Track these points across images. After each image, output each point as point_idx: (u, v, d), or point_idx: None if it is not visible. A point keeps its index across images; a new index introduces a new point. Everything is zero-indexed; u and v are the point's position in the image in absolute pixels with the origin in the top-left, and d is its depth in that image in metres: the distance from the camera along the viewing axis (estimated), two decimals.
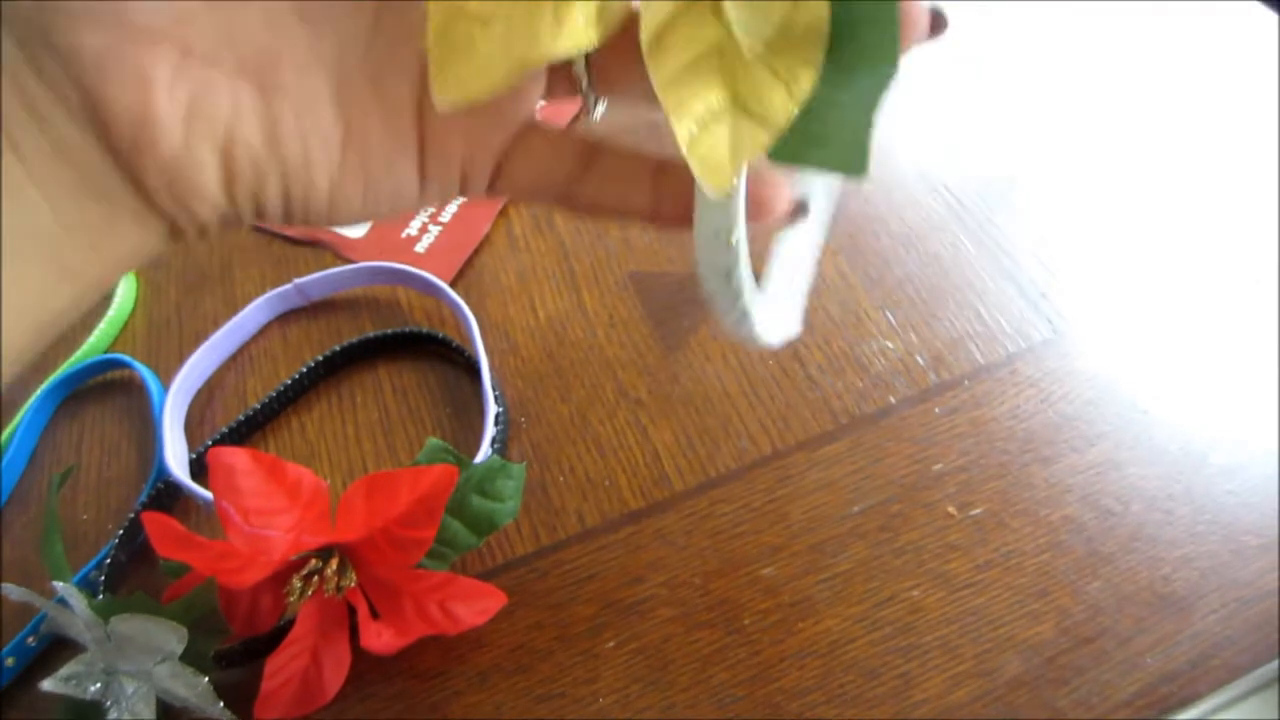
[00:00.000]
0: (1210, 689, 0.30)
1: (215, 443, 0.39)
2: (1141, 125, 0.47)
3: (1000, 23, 0.54)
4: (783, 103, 0.16)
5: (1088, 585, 0.33)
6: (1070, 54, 0.52)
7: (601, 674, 0.33)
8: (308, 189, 0.20)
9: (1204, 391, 0.37)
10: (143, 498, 0.37)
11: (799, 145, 0.16)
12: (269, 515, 0.30)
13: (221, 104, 0.19)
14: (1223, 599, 0.32)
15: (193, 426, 0.41)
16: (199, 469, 0.39)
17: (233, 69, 0.19)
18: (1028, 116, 0.49)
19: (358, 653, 0.32)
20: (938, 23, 0.19)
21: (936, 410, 0.38)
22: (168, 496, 0.38)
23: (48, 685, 0.31)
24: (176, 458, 0.38)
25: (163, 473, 0.38)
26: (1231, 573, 0.32)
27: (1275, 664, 0.31)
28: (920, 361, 0.40)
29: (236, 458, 0.30)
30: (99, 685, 0.32)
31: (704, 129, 0.16)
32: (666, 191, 0.22)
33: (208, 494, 0.37)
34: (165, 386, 0.41)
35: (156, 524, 0.30)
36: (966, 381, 0.39)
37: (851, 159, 0.16)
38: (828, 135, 0.17)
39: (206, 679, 0.32)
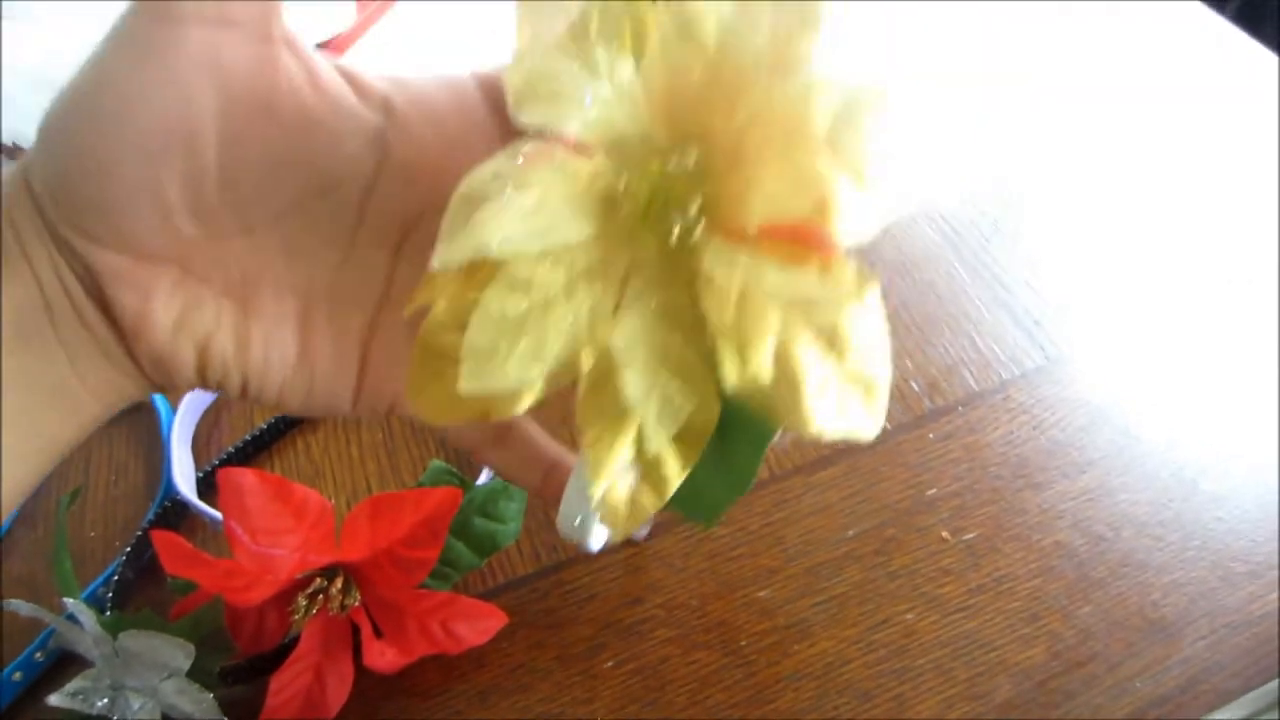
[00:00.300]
0: (1200, 714, 0.31)
1: (222, 462, 0.40)
2: (1136, 155, 0.48)
3: (996, 52, 0.55)
4: (675, 477, 0.19)
5: (1079, 610, 0.33)
6: (1065, 84, 0.53)
7: (600, 694, 0.33)
8: (261, 388, 0.24)
9: (1194, 419, 0.38)
10: (150, 515, 0.38)
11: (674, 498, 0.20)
12: (276, 535, 0.31)
13: (206, 317, 0.22)
14: (1212, 624, 0.32)
15: (200, 446, 0.42)
16: (205, 488, 0.40)
17: (221, 288, 0.23)
18: (1022, 146, 0.50)
19: (361, 671, 0.33)
20: None
21: (931, 436, 0.39)
22: (175, 515, 0.39)
23: (54, 700, 0.31)
24: (184, 477, 0.39)
25: (170, 491, 0.38)
26: (1220, 598, 0.33)
27: (1273, 685, 0.31)
28: (915, 387, 0.41)
29: (245, 478, 0.31)
30: (105, 701, 0.32)
31: (612, 484, 0.19)
32: (553, 483, 0.27)
33: (215, 513, 0.37)
34: (173, 407, 0.41)
35: (166, 542, 0.31)
36: (961, 408, 0.40)
37: (707, 517, 0.21)
38: (696, 499, 0.21)
39: (212, 695, 0.32)
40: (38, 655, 0.35)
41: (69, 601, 0.31)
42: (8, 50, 0.52)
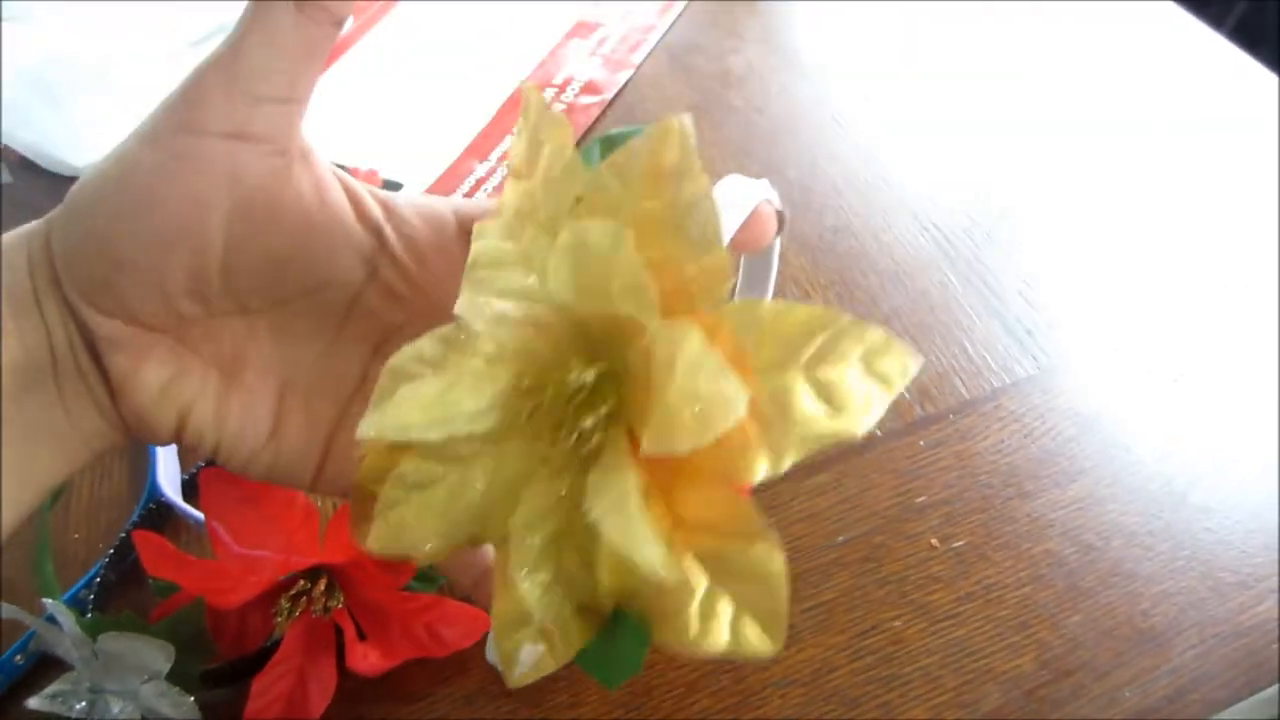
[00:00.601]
0: None
1: (208, 464, 0.40)
2: (1129, 165, 0.49)
3: (989, 62, 0.56)
4: (570, 648, 0.20)
5: (1068, 619, 0.33)
6: (1058, 94, 0.53)
7: (585, 699, 0.33)
8: (231, 455, 0.25)
9: (1185, 430, 0.38)
10: (134, 517, 0.38)
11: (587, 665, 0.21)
12: (258, 536, 0.31)
13: (191, 385, 0.24)
14: (1200, 635, 0.32)
15: (185, 448, 0.42)
16: (190, 490, 0.39)
17: (210, 359, 0.24)
18: (1015, 156, 0.50)
19: (344, 674, 0.32)
20: (782, 221, 0.24)
21: (921, 443, 0.39)
22: (159, 517, 0.39)
23: (33, 703, 0.31)
24: (169, 478, 0.38)
25: (155, 493, 0.38)
26: (1209, 609, 0.33)
27: (1272, 690, 0.31)
28: (906, 395, 0.40)
29: (228, 478, 0.30)
30: (84, 704, 0.32)
31: (514, 643, 0.20)
32: (482, 592, 0.28)
33: (199, 514, 0.37)
34: None
35: (148, 543, 0.31)
36: (951, 416, 0.40)
37: (608, 682, 0.21)
38: (594, 664, 0.21)
39: (192, 698, 0.32)
40: (18, 658, 0.35)
41: (48, 603, 0.31)
42: (6, 52, 0.52)
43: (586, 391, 0.20)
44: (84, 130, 0.52)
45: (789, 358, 0.18)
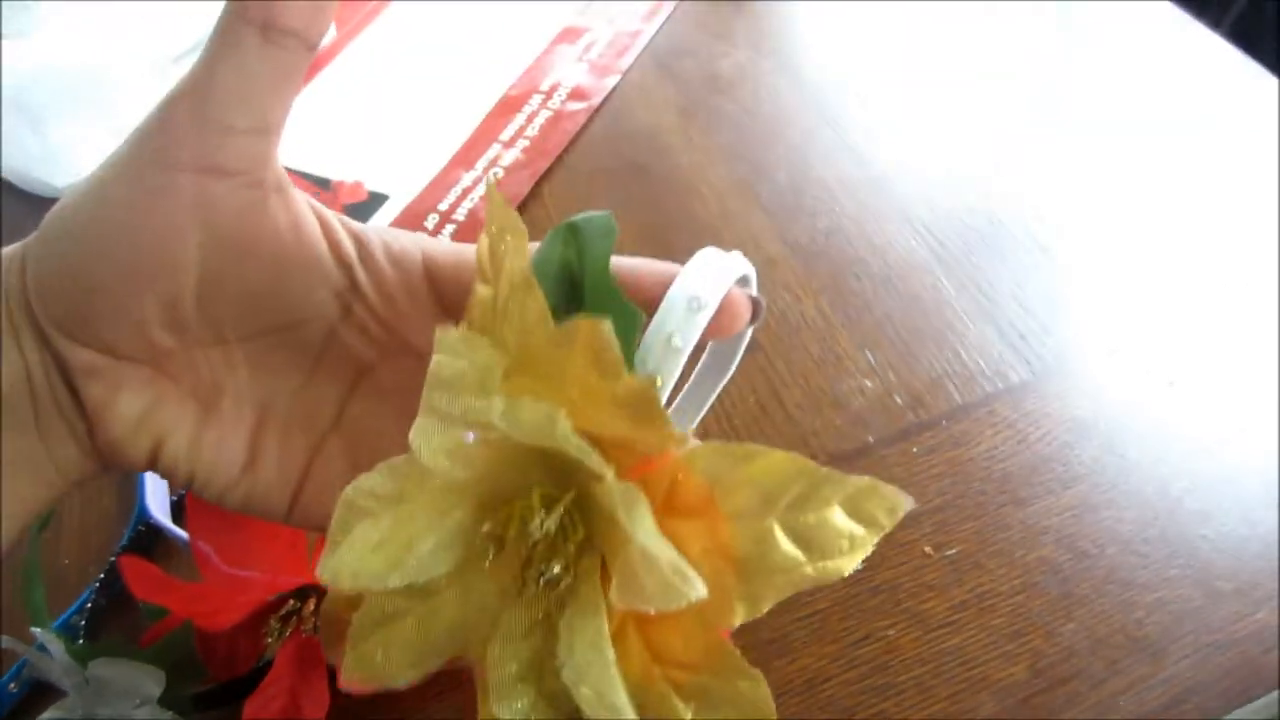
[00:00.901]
0: None
1: None
2: (1124, 167, 0.48)
3: (982, 64, 0.55)
4: None
5: (1062, 627, 0.33)
6: (1054, 95, 0.53)
7: None
8: (205, 485, 0.25)
9: (1181, 435, 0.37)
10: (123, 541, 0.38)
11: None
12: (246, 557, 0.31)
13: (168, 415, 0.24)
14: (1196, 643, 0.32)
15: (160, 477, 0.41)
16: (180, 512, 0.39)
17: (187, 391, 0.24)
18: (1010, 158, 0.50)
19: (337, 692, 0.32)
20: (757, 310, 0.24)
21: (914, 450, 0.39)
22: (149, 539, 0.38)
23: None
24: (157, 501, 0.38)
25: (143, 516, 0.38)
26: (1205, 617, 0.33)
27: (1272, 698, 0.31)
28: (899, 401, 0.40)
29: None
30: None
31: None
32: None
33: (188, 536, 0.37)
34: None
35: (134, 568, 0.31)
36: (944, 421, 0.39)
37: None
38: None
39: None
40: (12, 686, 0.35)
41: (37, 631, 0.31)
42: None
43: (550, 535, 0.19)
44: (64, 151, 0.52)
45: (765, 506, 0.17)
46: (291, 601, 0.32)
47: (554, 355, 0.18)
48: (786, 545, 0.17)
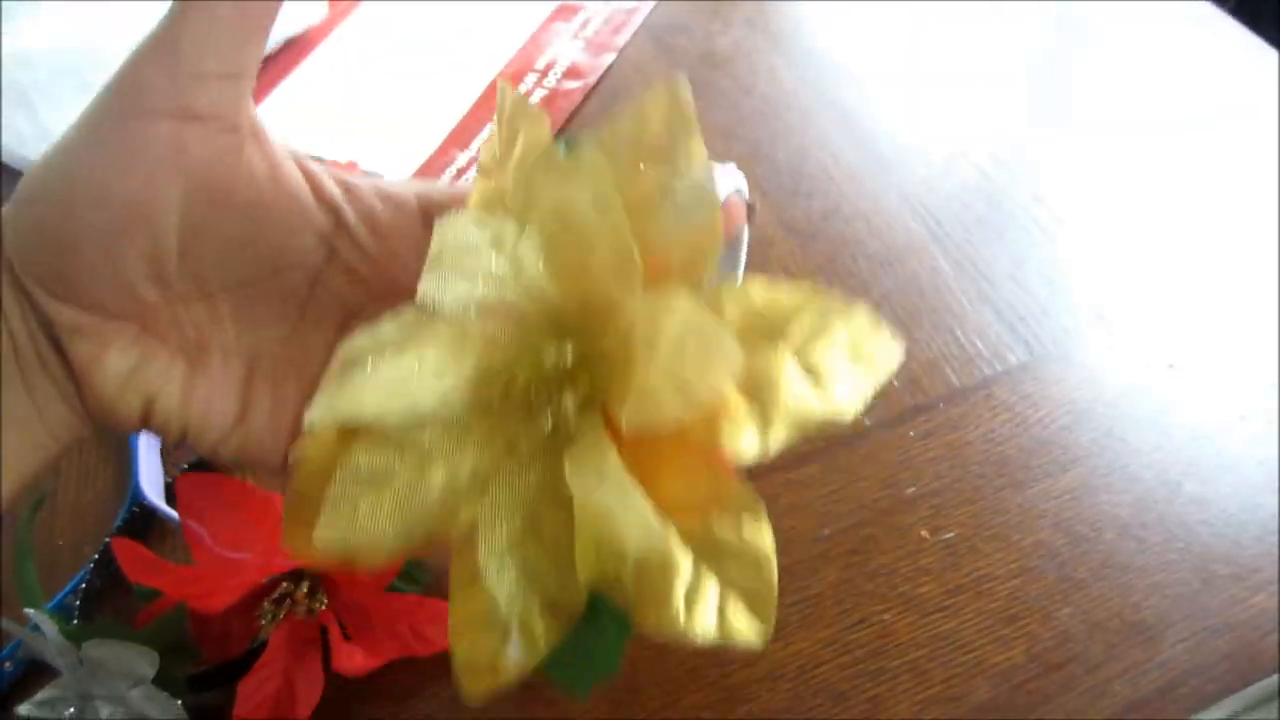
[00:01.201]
0: (1178, 716, 0.30)
1: (192, 467, 0.40)
2: (1124, 150, 0.48)
3: (981, 47, 0.54)
4: (536, 650, 0.19)
5: (1058, 611, 0.33)
6: (1053, 77, 0.52)
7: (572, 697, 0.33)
8: (198, 440, 0.25)
9: (1180, 419, 0.37)
10: (118, 522, 0.38)
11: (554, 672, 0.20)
12: (238, 539, 0.31)
13: (156, 372, 0.23)
14: (1192, 628, 0.32)
15: (169, 451, 0.41)
16: (174, 493, 0.39)
17: (175, 347, 0.24)
18: (1009, 140, 0.49)
19: (332, 675, 0.32)
20: (751, 212, 0.25)
21: (911, 433, 0.38)
22: (143, 521, 0.38)
23: (24, 710, 0.31)
24: (152, 482, 0.38)
25: (138, 497, 0.38)
26: (1202, 601, 0.32)
27: (1272, 681, 0.31)
28: (896, 383, 0.40)
29: (204, 482, 0.30)
30: (73, 709, 0.32)
31: (474, 645, 0.19)
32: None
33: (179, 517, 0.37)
34: None
35: (127, 550, 0.31)
36: (942, 405, 0.39)
37: (577, 690, 0.21)
38: (563, 671, 0.21)
39: (180, 702, 0.32)
40: (6, 665, 0.35)
41: (30, 612, 0.30)
42: None
43: (565, 371, 0.19)
44: (57, 132, 0.52)
45: (777, 336, 0.18)
46: (285, 584, 0.32)
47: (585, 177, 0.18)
48: (796, 377, 0.17)
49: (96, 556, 0.36)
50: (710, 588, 0.17)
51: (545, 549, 0.19)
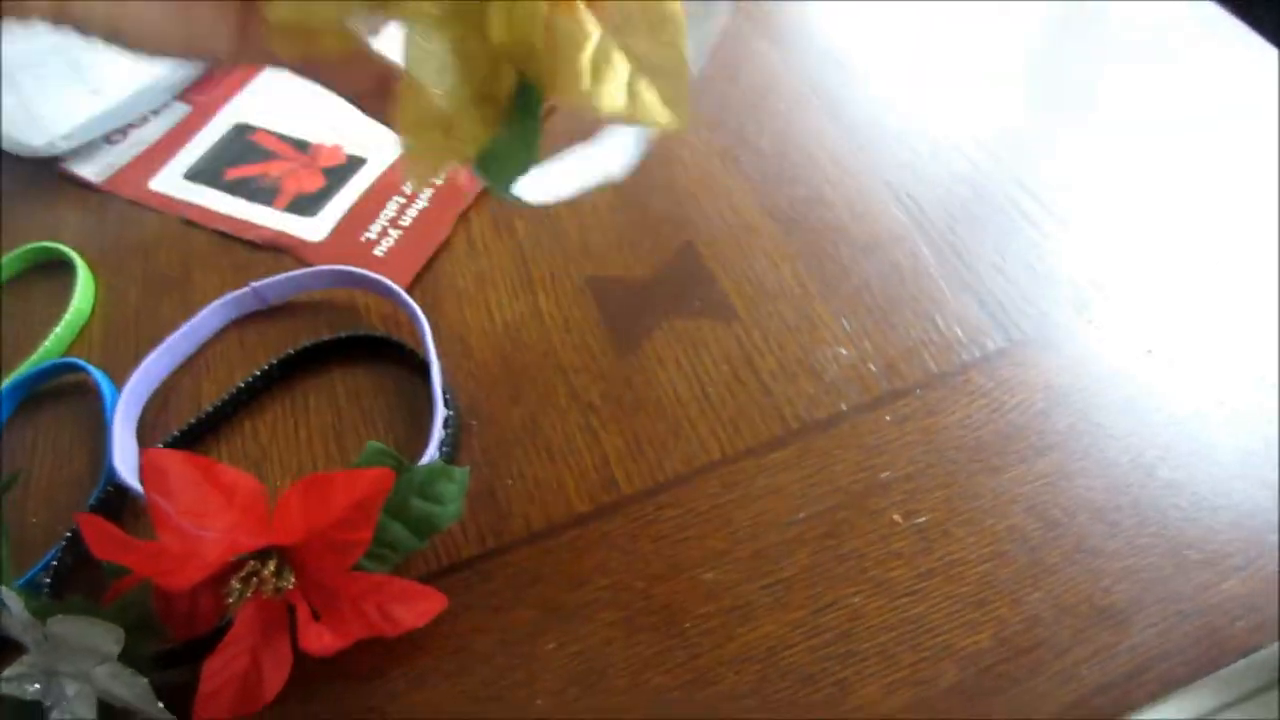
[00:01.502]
0: (1146, 700, 0.30)
1: (166, 445, 0.40)
2: (1106, 138, 0.47)
3: (966, 32, 0.54)
4: (472, 138, 0.22)
5: (1028, 595, 0.33)
6: (1037, 63, 0.52)
7: (540, 676, 0.33)
8: None
9: (1156, 405, 0.37)
10: (91, 501, 0.38)
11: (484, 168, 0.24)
12: (203, 516, 0.31)
13: None
14: (1162, 612, 0.32)
15: (147, 430, 0.41)
16: None
17: None
18: (993, 127, 0.49)
19: (300, 654, 0.32)
20: None
21: (887, 418, 0.38)
22: (117, 500, 0.38)
23: None
24: (126, 461, 0.38)
25: (111, 476, 0.38)
26: (1173, 586, 0.32)
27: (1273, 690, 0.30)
28: (873, 369, 0.40)
29: (169, 459, 0.30)
30: (39, 686, 0.32)
31: (418, 138, 0.21)
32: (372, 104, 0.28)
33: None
34: (118, 389, 0.41)
35: (92, 526, 0.30)
36: (919, 390, 0.39)
37: (502, 182, 0.24)
38: (494, 164, 0.23)
39: (146, 680, 0.32)
40: None
41: None
42: None
43: None
44: (41, 111, 0.52)
45: None
46: (252, 563, 0.32)
47: None
48: None
49: (69, 534, 0.36)
50: (618, 61, 0.18)
51: (474, 37, 0.20)
